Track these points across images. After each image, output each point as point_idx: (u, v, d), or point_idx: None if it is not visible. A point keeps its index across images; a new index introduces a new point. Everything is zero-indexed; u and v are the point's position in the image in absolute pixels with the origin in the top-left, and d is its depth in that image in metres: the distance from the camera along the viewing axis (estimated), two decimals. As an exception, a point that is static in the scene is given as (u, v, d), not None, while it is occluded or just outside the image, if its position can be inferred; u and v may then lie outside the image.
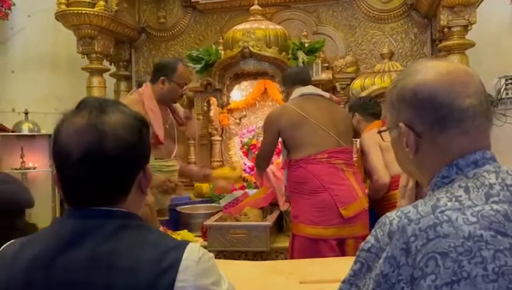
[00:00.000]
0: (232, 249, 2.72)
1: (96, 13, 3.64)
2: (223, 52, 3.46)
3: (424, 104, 0.84)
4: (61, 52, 4.48)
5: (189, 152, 3.85)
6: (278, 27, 3.58)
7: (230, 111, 3.81)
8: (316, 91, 2.70)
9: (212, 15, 4.17)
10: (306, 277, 1.72)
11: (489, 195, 0.77)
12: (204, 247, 1.01)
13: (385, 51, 3.75)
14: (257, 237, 2.69)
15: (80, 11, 3.60)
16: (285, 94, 3.19)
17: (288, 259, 2.55)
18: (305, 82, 2.71)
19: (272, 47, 3.34)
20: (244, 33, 3.37)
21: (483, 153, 0.84)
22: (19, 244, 0.91)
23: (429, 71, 0.86)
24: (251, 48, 3.28)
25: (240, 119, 3.86)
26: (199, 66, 3.48)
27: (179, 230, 2.89)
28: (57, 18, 3.73)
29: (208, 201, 3.35)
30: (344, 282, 0.83)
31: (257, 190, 3.14)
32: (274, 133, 2.60)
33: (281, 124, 2.56)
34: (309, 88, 2.68)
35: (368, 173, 2.85)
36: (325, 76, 3.43)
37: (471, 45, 3.25)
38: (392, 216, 0.79)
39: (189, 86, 3.62)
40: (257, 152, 2.95)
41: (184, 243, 0.87)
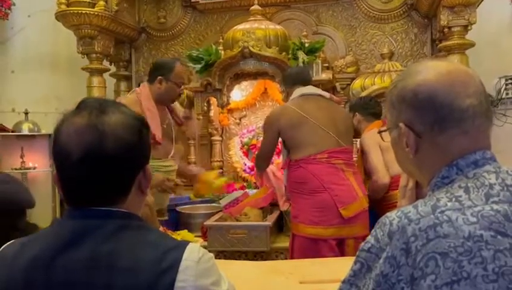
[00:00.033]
0: (232, 249, 2.72)
1: (96, 13, 3.64)
2: (223, 52, 3.46)
3: (424, 104, 0.84)
4: (61, 52, 4.48)
5: (189, 152, 3.85)
6: (278, 27, 3.58)
7: (230, 111, 3.81)
8: (316, 91, 2.70)
9: (212, 15, 4.17)
10: (306, 277, 1.72)
11: (489, 195, 0.77)
12: (204, 247, 1.01)
13: (385, 51, 3.75)
14: (257, 237, 2.69)
15: (80, 11, 3.60)
16: (285, 94, 3.18)
17: (288, 259, 2.55)
18: (305, 82, 2.71)
19: (272, 47, 3.34)
20: (244, 33, 3.37)
21: (483, 153, 0.84)
22: (19, 244, 0.91)
23: (429, 71, 0.86)
24: (251, 48, 3.28)
25: (240, 119, 3.86)
26: (199, 66, 3.48)
27: (179, 230, 2.89)
28: (57, 18, 3.73)
29: (208, 201, 3.35)
30: (344, 282, 0.83)
31: (257, 190, 3.14)
32: (274, 133, 2.60)
33: (281, 124, 2.56)
34: (309, 88, 2.68)
35: (368, 173, 2.86)
36: (325, 76, 3.43)
37: (471, 45, 3.24)
38: (392, 216, 0.79)
39: (189, 86, 3.66)
40: (257, 152, 2.95)
41: (184, 243, 0.87)
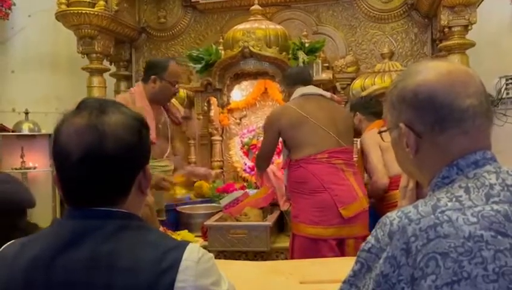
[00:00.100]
0: (233, 249, 2.71)
1: (96, 13, 3.64)
2: (223, 52, 3.46)
3: (425, 104, 0.84)
4: (61, 52, 4.48)
5: (189, 152, 3.85)
6: (278, 27, 3.57)
7: (230, 111, 3.81)
8: (317, 91, 2.70)
9: (212, 15, 4.17)
10: (306, 277, 1.72)
11: (489, 195, 0.77)
12: (204, 247, 1.01)
13: (385, 51, 3.75)
14: (257, 237, 2.69)
15: (80, 11, 3.60)
16: (285, 94, 3.18)
17: (288, 259, 2.55)
18: (306, 82, 2.71)
19: (272, 47, 3.34)
20: (244, 33, 3.36)
21: (483, 154, 0.84)
22: (19, 244, 0.91)
23: (429, 72, 0.86)
24: (251, 48, 3.28)
25: (240, 119, 3.86)
26: (199, 66, 3.48)
27: (179, 230, 2.89)
28: (57, 18, 3.73)
29: (208, 201, 3.35)
30: (344, 282, 0.83)
31: (257, 190, 3.14)
32: (274, 133, 2.60)
33: (281, 124, 2.56)
34: (310, 88, 2.68)
35: (368, 173, 2.86)
36: (325, 76, 3.43)
37: (471, 45, 3.24)
38: (393, 216, 0.79)
39: (189, 86, 3.66)
40: (257, 152, 2.95)
41: (184, 244, 0.87)
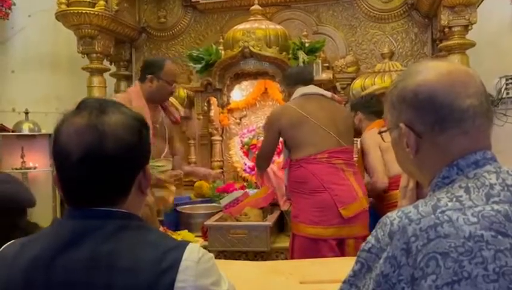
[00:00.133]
0: (233, 249, 2.71)
1: (96, 13, 3.64)
2: (223, 52, 3.46)
3: (425, 104, 0.84)
4: (61, 52, 4.48)
5: (189, 152, 3.85)
6: (278, 27, 3.57)
7: (230, 111, 3.81)
8: (318, 91, 2.69)
9: (212, 15, 4.17)
10: (306, 277, 1.72)
11: (489, 195, 0.77)
12: (204, 247, 1.01)
13: (385, 51, 3.74)
14: (257, 237, 2.69)
15: (80, 11, 3.60)
16: (285, 94, 3.18)
17: (288, 259, 2.55)
18: (306, 82, 2.71)
19: (272, 47, 3.34)
20: (244, 33, 3.36)
21: (483, 154, 0.84)
22: (19, 244, 0.91)
23: (430, 72, 0.86)
24: (251, 48, 3.28)
25: (240, 119, 3.86)
26: (199, 66, 3.48)
27: (179, 230, 2.89)
28: (57, 18, 3.73)
29: (208, 201, 3.35)
30: (344, 282, 0.83)
31: (257, 190, 3.14)
32: (275, 132, 2.60)
33: (282, 124, 2.56)
34: (311, 88, 2.68)
35: (368, 173, 2.86)
36: (326, 76, 3.43)
37: (471, 45, 3.24)
38: (393, 216, 0.79)
39: (189, 86, 3.67)
40: (257, 152, 2.95)
41: (184, 244, 0.87)
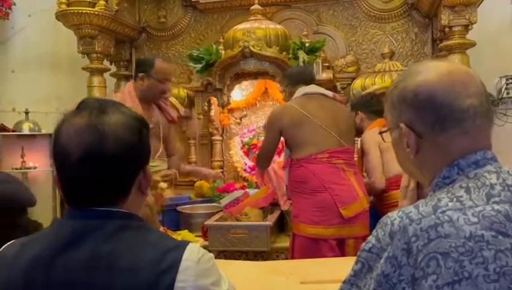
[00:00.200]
0: (233, 249, 2.71)
1: (96, 13, 3.64)
2: (224, 51, 3.46)
3: (425, 104, 0.84)
4: (61, 52, 4.48)
5: (189, 152, 3.85)
6: (279, 27, 3.57)
7: (230, 111, 3.81)
8: (319, 90, 2.69)
9: (212, 14, 4.16)
10: (307, 277, 1.72)
11: (490, 195, 0.77)
12: (204, 247, 1.01)
13: (386, 51, 3.74)
14: (258, 237, 2.68)
15: (80, 11, 3.60)
16: (285, 94, 3.18)
17: (288, 259, 2.55)
18: (308, 81, 2.70)
19: (273, 47, 3.33)
20: (244, 33, 3.36)
21: (484, 154, 0.84)
22: (19, 244, 0.91)
23: (430, 72, 0.86)
24: (251, 48, 3.27)
25: (241, 119, 3.86)
26: (199, 66, 3.48)
27: (180, 230, 2.89)
28: (58, 18, 3.73)
29: (208, 201, 3.35)
30: (345, 282, 0.83)
31: (258, 190, 3.14)
32: (276, 132, 2.60)
33: (283, 123, 2.55)
34: (312, 87, 2.67)
35: (367, 172, 2.86)
36: (326, 76, 3.43)
37: (472, 45, 3.24)
38: (394, 216, 0.79)
39: (190, 86, 3.67)
40: (258, 151, 2.95)
41: (184, 244, 0.87)
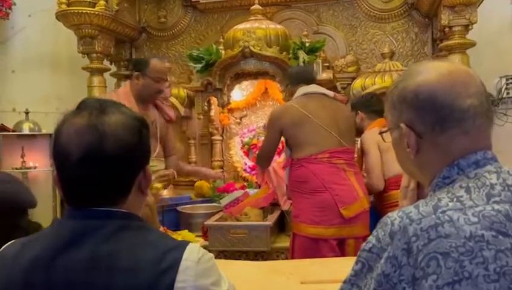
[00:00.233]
0: (233, 249, 2.71)
1: (96, 13, 3.64)
2: (224, 51, 3.46)
3: (425, 104, 0.84)
4: (61, 51, 4.48)
5: (189, 152, 3.86)
6: (279, 27, 3.57)
7: (230, 111, 3.81)
8: (320, 90, 2.69)
9: (212, 14, 4.17)
10: (307, 277, 1.72)
11: (490, 195, 0.77)
12: (205, 247, 1.01)
13: (386, 51, 3.74)
14: (258, 237, 2.68)
15: (81, 11, 3.60)
16: (285, 94, 3.18)
17: (288, 259, 2.55)
18: (308, 81, 2.70)
19: (273, 47, 3.34)
20: (244, 33, 3.36)
21: (484, 153, 0.84)
22: (20, 244, 0.91)
23: (430, 72, 0.86)
24: (252, 48, 3.27)
25: (241, 118, 3.86)
26: (200, 66, 3.48)
27: (180, 230, 2.89)
28: (58, 18, 3.73)
29: (209, 201, 3.35)
30: (345, 282, 0.83)
31: (258, 190, 3.14)
32: (276, 132, 2.60)
33: (283, 123, 2.55)
34: (313, 87, 2.67)
35: (366, 172, 2.85)
36: (326, 76, 3.43)
37: (472, 45, 3.24)
38: (394, 216, 0.79)
39: (190, 86, 3.67)
40: (258, 151, 2.95)
41: (184, 244, 0.87)
